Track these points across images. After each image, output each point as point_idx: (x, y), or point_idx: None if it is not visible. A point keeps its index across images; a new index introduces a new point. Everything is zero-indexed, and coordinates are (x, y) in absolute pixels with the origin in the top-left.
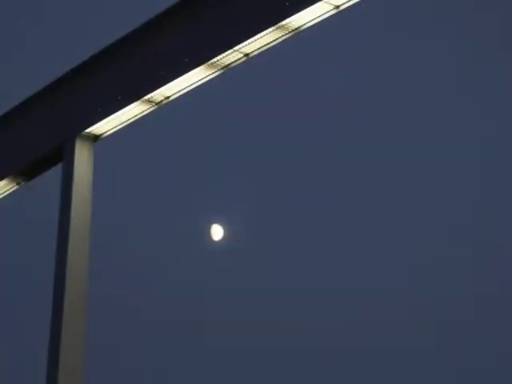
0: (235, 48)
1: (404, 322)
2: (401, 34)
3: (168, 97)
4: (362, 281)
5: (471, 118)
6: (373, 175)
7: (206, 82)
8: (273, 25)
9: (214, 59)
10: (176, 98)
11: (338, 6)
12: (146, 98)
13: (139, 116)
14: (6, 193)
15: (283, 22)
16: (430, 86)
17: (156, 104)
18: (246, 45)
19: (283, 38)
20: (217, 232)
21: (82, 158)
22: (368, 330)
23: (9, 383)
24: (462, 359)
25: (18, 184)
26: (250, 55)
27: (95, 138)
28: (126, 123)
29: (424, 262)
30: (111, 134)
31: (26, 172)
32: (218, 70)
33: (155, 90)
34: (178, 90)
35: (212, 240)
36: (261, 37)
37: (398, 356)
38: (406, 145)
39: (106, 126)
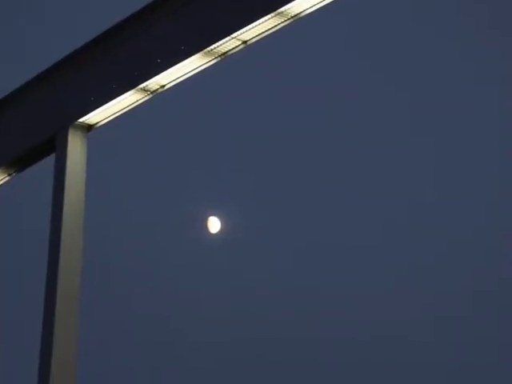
0: (233, 35)
1: (403, 317)
2: (401, 22)
3: (163, 85)
4: (361, 275)
5: (472, 111)
6: (372, 167)
7: (203, 70)
8: (271, 11)
9: (211, 47)
10: (171, 87)
11: None
12: (140, 86)
13: (134, 105)
14: None
15: (282, 9)
16: (430, 77)
17: (151, 93)
18: (243, 32)
19: (282, 24)
20: (214, 224)
21: (75, 149)
22: (366, 324)
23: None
24: (461, 355)
25: (9, 175)
26: (248, 42)
27: (89, 127)
28: (120, 112)
29: (423, 258)
30: (105, 124)
31: (17, 163)
32: (215, 57)
33: (150, 78)
34: (173, 78)
35: (209, 233)
36: (259, 24)
37: (397, 351)
38: (406, 136)
39: (99, 115)
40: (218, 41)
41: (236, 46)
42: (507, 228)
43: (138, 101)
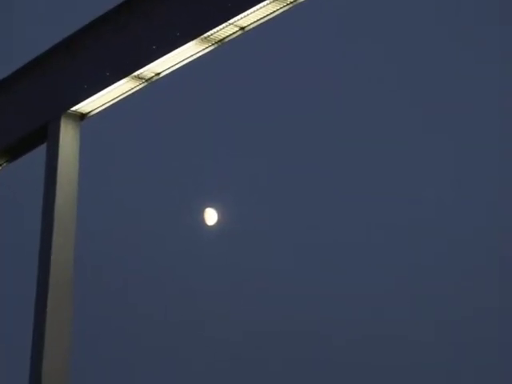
0: (230, 21)
1: (403, 317)
2: (404, 20)
3: (159, 73)
4: (361, 274)
5: (472, 111)
6: (373, 165)
7: (199, 57)
8: None
9: (208, 33)
10: (167, 74)
11: None
12: (135, 74)
13: (128, 93)
14: None
15: None
16: (431, 77)
17: (146, 81)
18: (241, 18)
19: (281, 10)
20: (211, 216)
21: (68, 138)
22: (366, 323)
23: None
24: (461, 355)
25: (0, 166)
26: (246, 29)
27: (81, 116)
28: (114, 101)
29: (423, 258)
30: (98, 113)
31: (8, 153)
32: (212, 44)
33: (145, 65)
34: (169, 65)
35: (206, 225)
36: (257, 9)
37: (397, 351)
38: (407, 137)
39: (92, 104)
40: (214, 27)
41: (233, 33)
42: (507, 228)
43: (132, 89)
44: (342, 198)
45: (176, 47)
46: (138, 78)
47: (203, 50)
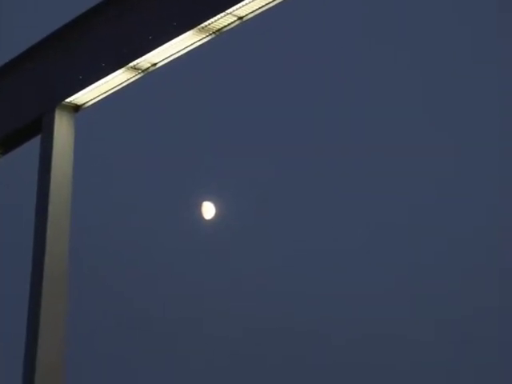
0: (228, 11)
1: (402, 316)
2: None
3: (155, 64)
4: (361, 273)
5: (472, 111)
6: (373, 164)
7: (197, 47)
8: None
9: (206, 23)
10: (164, 65)
11: None
12: (131, 64)
13: (124, 84)
14: None
15: None
16: (431, 78)
17: (142, 71)
18: (240, 7)
19: (279, 0)
20: (208, 210)
21: (62, 130)
22: (366, 322)
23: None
24: (461, 354)
25: None
26: (245, 18)
27: (76, 108)
28: (109, 92)
29: (423, 256)
30: (93, 104)
31: (1, 146)
32: (210, 34)
33: (141, 56)
34: (166, 56)
35: (203, 219)
36: None
37: (396, 350)
38: (406, 137)
39: (87, 95)
40: (212, 16)
41: (231, 22)
42: (507, 227)
43: (128, 80)
44: (342, 196)
45: (173, 37)
46: (134, 68)
47: (201, 40)
